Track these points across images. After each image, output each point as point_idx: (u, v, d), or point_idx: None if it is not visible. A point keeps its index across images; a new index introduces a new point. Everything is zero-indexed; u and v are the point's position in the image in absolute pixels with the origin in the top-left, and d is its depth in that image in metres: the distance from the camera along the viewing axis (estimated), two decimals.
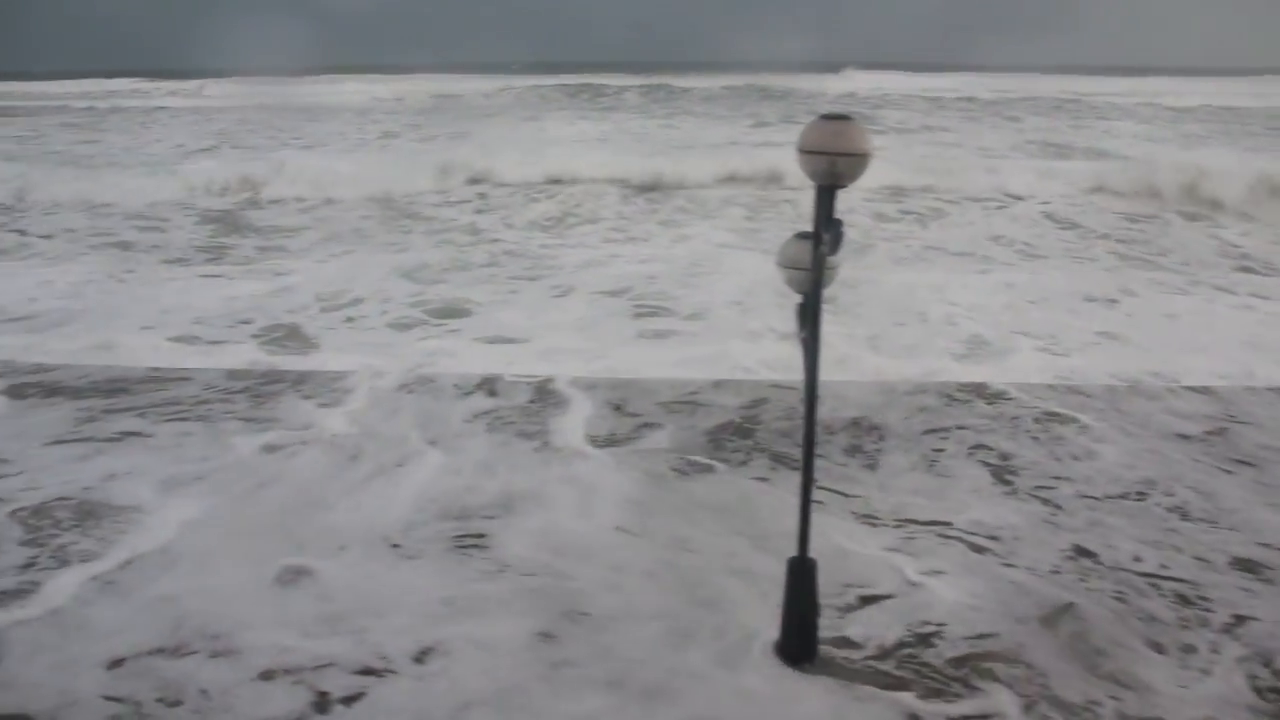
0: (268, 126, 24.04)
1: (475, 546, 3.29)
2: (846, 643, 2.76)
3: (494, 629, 2.83)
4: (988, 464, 3.99)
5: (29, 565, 3.16)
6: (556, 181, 13.47)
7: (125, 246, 10.07)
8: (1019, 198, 12.30)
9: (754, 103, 32.07)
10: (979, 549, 3.30)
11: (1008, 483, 3.81)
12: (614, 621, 2.86)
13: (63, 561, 3.18)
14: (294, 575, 3.10)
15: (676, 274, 8.24)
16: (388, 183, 13.48)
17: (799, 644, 2.68)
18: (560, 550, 3.27)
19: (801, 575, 2.65)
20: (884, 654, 2.72)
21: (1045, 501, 3.66)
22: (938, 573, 3.13)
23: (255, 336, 6.52)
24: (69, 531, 3.39)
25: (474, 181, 13.70)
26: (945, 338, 6.37)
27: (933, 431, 4.34)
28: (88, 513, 3.53)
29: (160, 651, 2.71)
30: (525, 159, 14.32)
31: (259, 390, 4.91)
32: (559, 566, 3.16)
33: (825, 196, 2.36)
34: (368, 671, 2.63)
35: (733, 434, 4.29)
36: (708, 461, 4.01)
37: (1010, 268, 8.80)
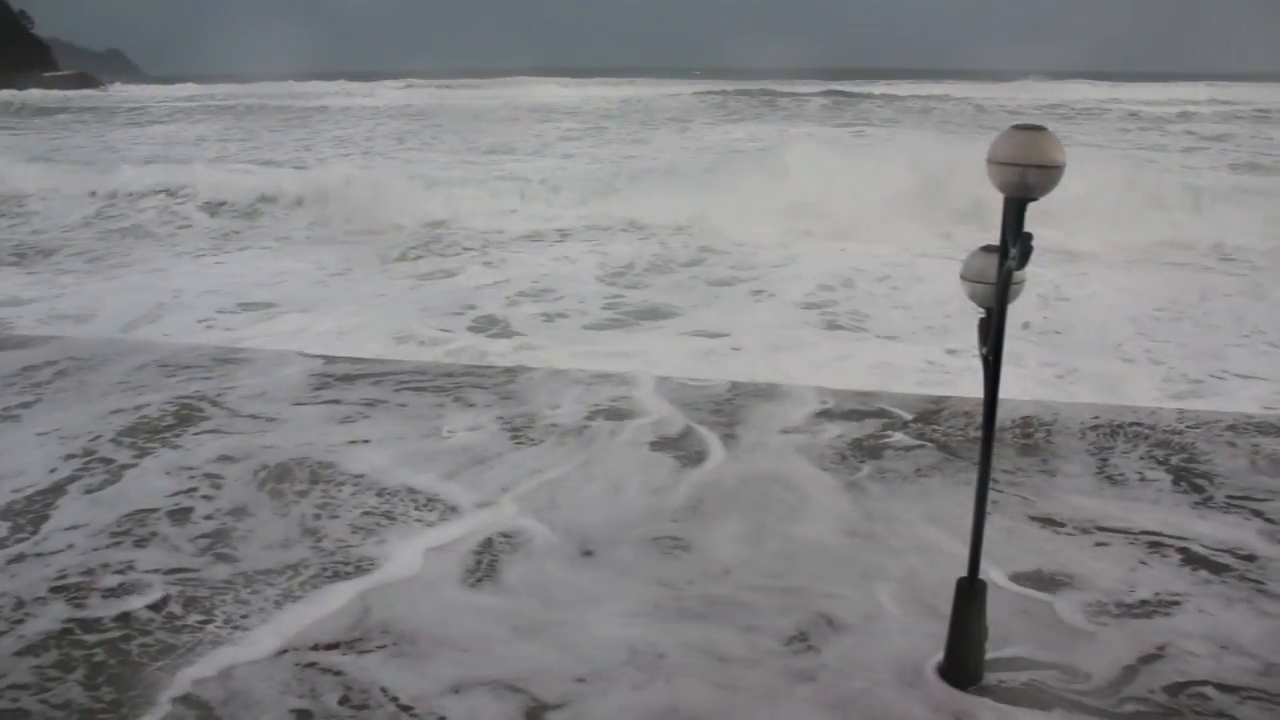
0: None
1: None
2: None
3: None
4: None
5: None
6: None
7: None
8: None
9: (943, 113, 31.23)
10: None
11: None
12: None
13: None
14: None
15: None
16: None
17: (963, 668, 2.61)
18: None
19: (970, 597, 2.58)
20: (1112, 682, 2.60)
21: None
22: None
23: None
24: None
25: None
26: None
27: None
28: None
29: None
30: None
31: None
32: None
33: (1015, 209, 2.29)
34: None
35: None
36: None
37: None
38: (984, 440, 2.53)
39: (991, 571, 3.04)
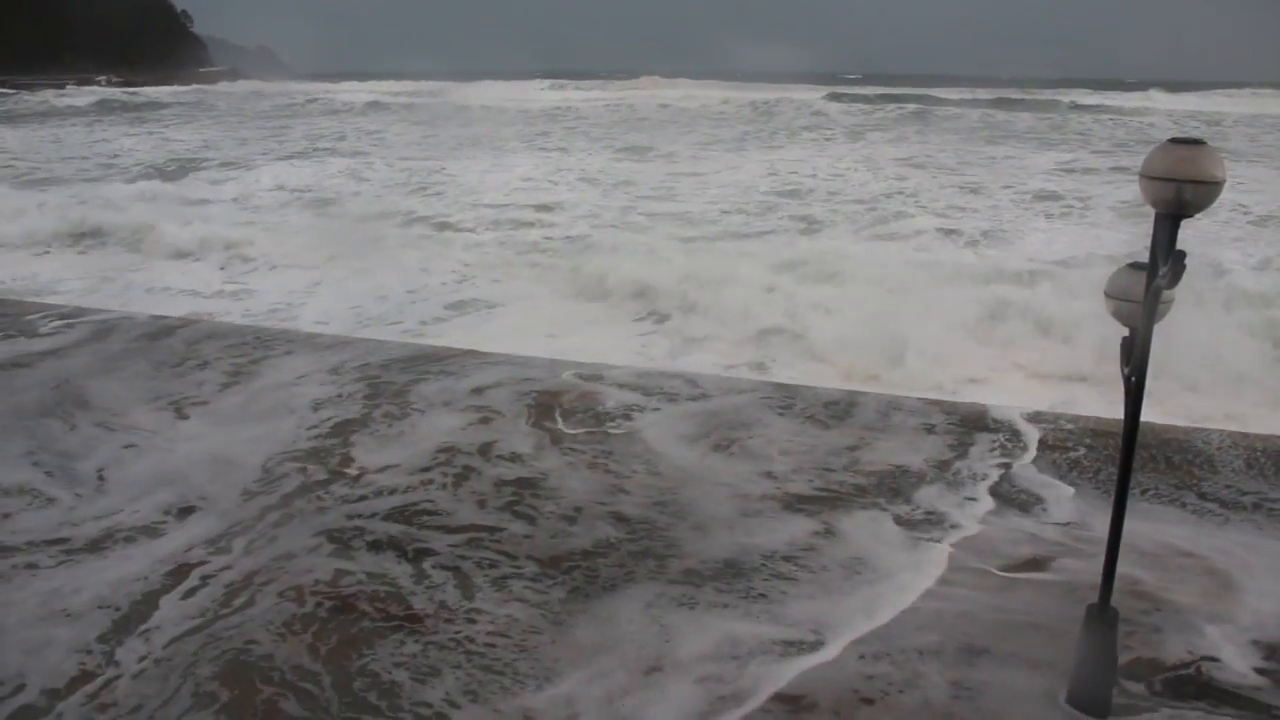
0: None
1: None
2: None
3: None
4: None
5: None
6: None
7: None
8: None
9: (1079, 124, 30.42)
10: None
11: None
12: None
13: None
14: None
15: None
16: None
17: (1092, 697, 2.52)
18: None
19: (1100, 624, 2.49)
20: None
21: None
22: None
23: None
24: None
25: None
26: None
27: None
28: None
29: None
30: None
31: None
32: None
33: (1168, 225, 2.21)
34: None
35: None
36: None
37: None
38: (1122, 463, 2.45)
39: None
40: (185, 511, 3.58)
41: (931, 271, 10.98)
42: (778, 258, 11.67)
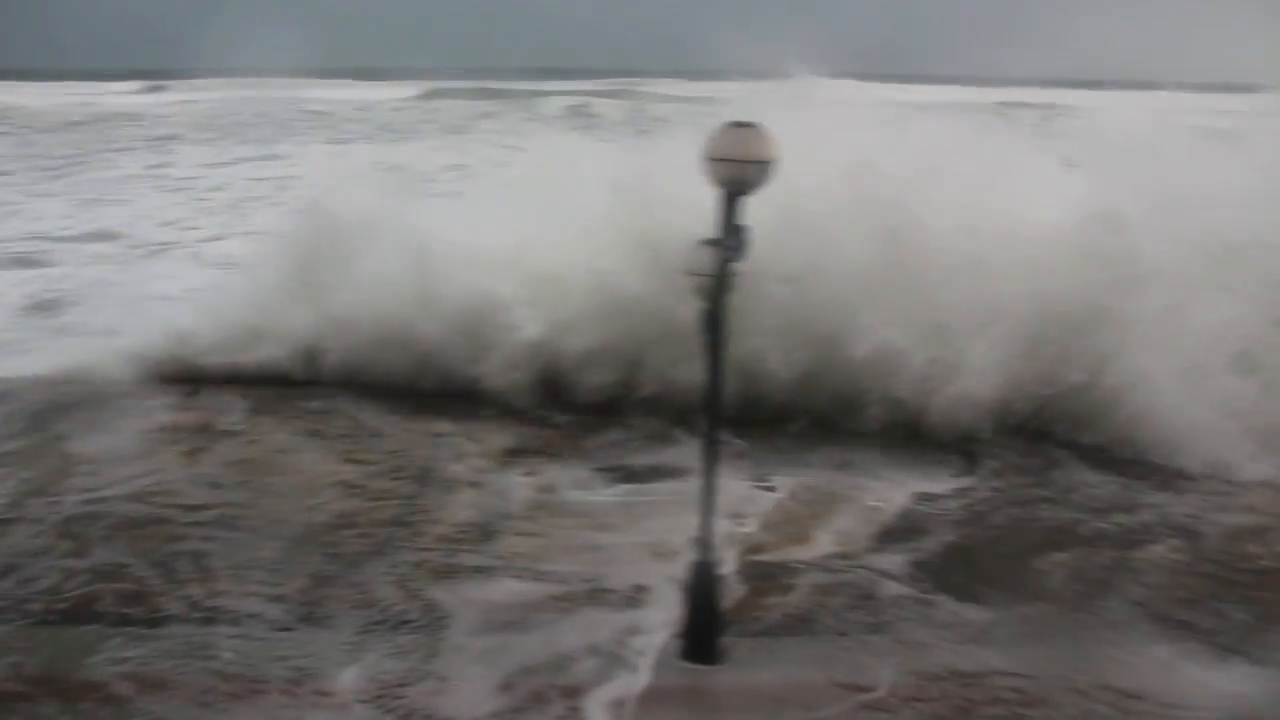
0: None
1: None
2: None
3: None
4: None
5: None
6: None
7: None
8: None
9: None
10: None
11: None
12: None
13: None
14: None
15: None
16: None
17: (700, 644, 2.69)
18: None
19: (702, 578, 2.67)
20: None
21: None
22: None
23: None
24: None
25: None
26: None
27: None
28: None
29: None
30: None
31: None
32: None
33: (731, 203, 2.43)
34: None
35: None
36: None
37: None
38: (709, 425, 2.63)
39: None
40: None
41: None
42: None
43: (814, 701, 2.55)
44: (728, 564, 3.15)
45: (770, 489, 3.94)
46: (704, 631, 2.69)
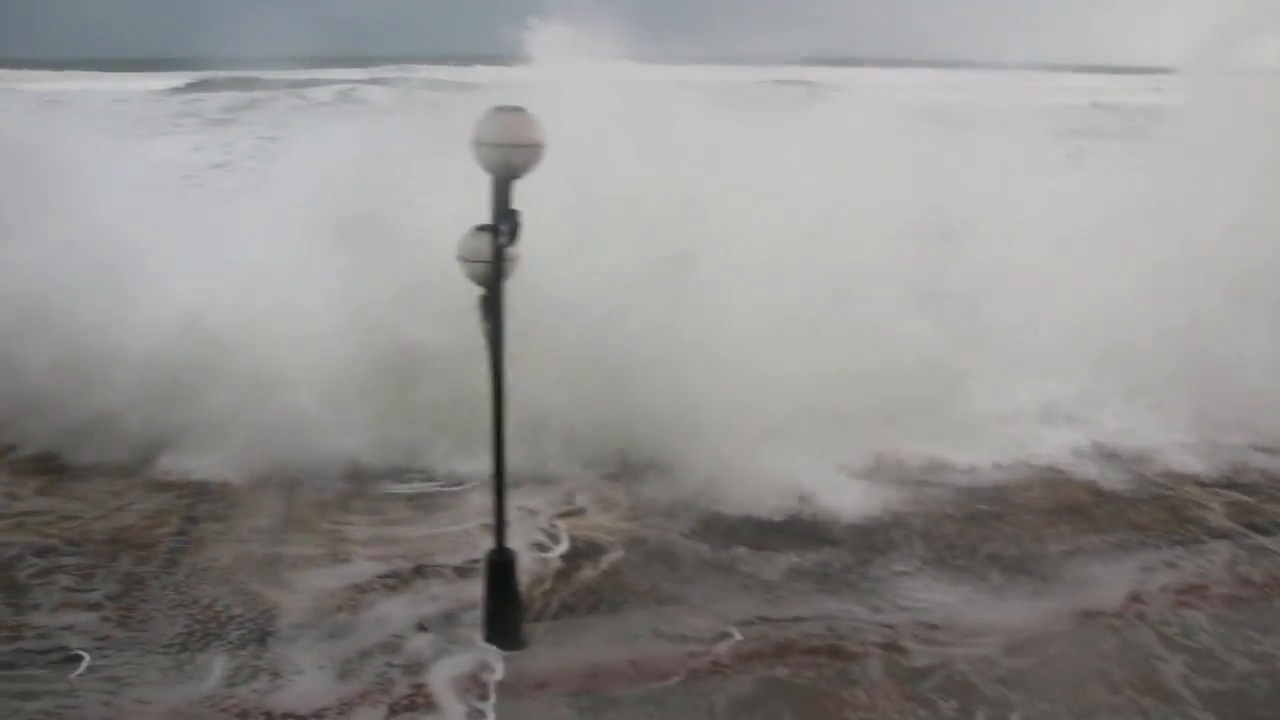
0: None
1: None
2: None
3: None
4: None
5: None
6: None
7: None
8: None
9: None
10: None
11: None
12: None
13: None
14: None
15: None
16: None
17: (503, 631, 2.69)
18: None
19: (500, 567, 2.67)
20: None
21: None
22: None
23: None
24: None
25: None
26: None
27: None
28: None
29: None
30: None
31: None
32: None
33: (502, 188, 2.41)
34: None
35: None
36: None
37: None
38: (495, 419, 2.61)
39: None
40: None
41: None
42: None
43: None
44: None
45: None
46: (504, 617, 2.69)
